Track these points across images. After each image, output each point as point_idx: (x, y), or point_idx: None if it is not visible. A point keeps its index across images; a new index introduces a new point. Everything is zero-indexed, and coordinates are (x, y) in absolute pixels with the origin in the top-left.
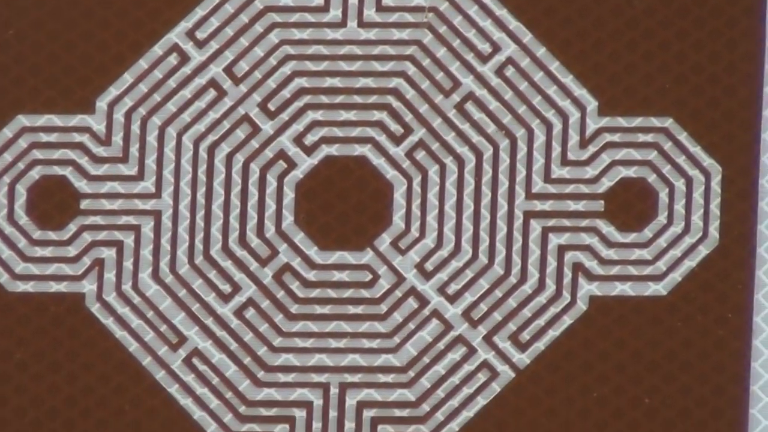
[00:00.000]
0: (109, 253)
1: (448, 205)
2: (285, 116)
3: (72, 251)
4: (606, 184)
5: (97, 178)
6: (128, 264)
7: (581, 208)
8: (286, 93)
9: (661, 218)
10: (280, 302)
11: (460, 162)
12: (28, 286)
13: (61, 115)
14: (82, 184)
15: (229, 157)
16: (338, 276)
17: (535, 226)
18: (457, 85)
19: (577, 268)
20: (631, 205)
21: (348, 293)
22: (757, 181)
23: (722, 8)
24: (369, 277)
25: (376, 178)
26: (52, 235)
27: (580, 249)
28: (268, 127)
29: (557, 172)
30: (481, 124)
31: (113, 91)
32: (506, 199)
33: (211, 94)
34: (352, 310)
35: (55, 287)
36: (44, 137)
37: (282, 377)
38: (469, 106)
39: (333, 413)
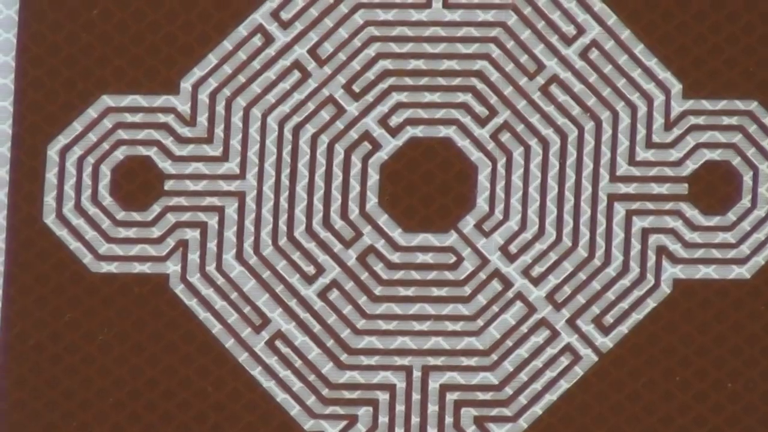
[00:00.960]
0: (193, 234)
1: (532, 187)
2: (369, 98)
3: (156, 232)
4: (690, 167)
5: (181, 159)
6: (212, 245)
7: (665, 191)
8: (371, 75)
9: (745, 201)
10: (364, 284)
11: (545, 144)
12: (112, 267)
13: (145, 96)
14: (166, 165)
15: (314, 139)
16: (422, 258)
17: (619, 209)
18: (542, 68)
19: (661, 251)
20: (715, 188)
21: (432, 275)
22: None
23: None
24: (453, 259)
25: (461, 159)
26: (136, 216)
27: (663, 232)
28: (352, 108)
29: (641, 154)
30: (565, 107)
31: (198, 72)
32: (590, 182)
33: (296, 75)
34: (435, 292)
35: (139, 268)
36: (129, 117)
37: (365, 360)
38: (554, 89)
39: (416, 396)
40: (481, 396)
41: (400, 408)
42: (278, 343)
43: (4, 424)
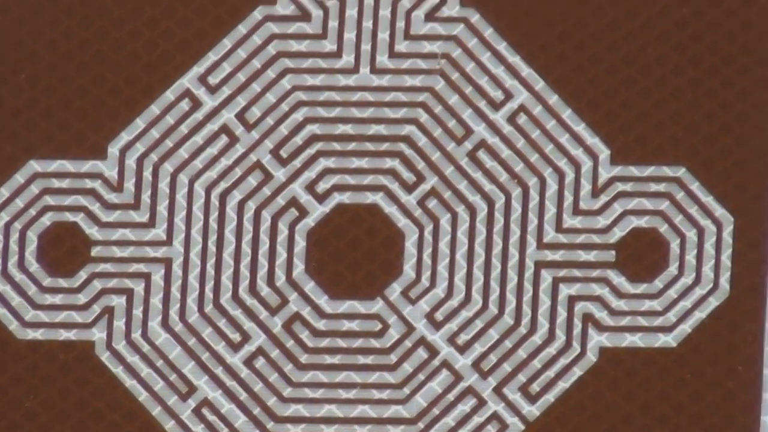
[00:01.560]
0: (119, 301)
1: (460, 254)
2: (297, 163)
3: (82, 299)
4: (617, 234)
5: (108, 225)
6: (138, 312)
7: (592, 259)
8: (299, 140)
9: (672, 269)
10: (290, 352)
11: (472, 211)
12: (38, 334)
13: (73, 161)
14: (93, 231)
15: (241, 205)
16: (348, 325)
17: (546, 277)
18: (470, 133)
19: (588, 319)
20: (642, 255)
21: (358, 343)
22: None
23: (735, 57)
24: (379, 326)
25: (388, 226)
26: (63, 283)
27: (590, 300)
28: (280, 174)
29: (569, 221)
30: (493, 173)
31: (125, 137)
32: (517, 249)
33: (223, 140)
34: (362, 360)
35: (64, 335)
36: (56, 183)
37: (291, 428)
38: (482, 154)
39: None
40: None
41: None
42: (205, 411)
43: None
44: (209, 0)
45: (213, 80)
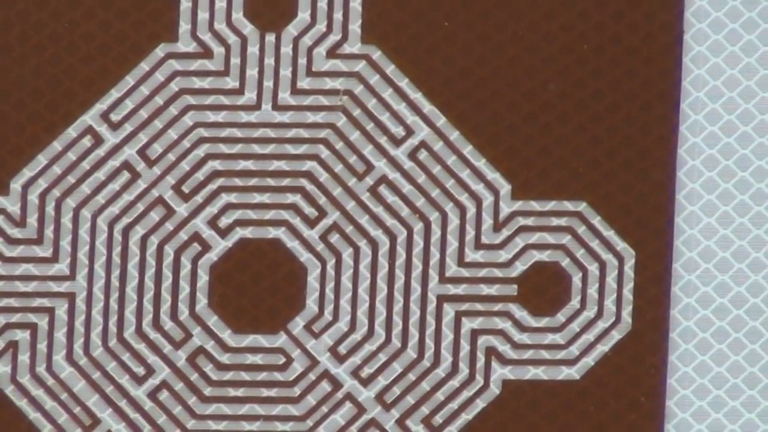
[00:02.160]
0: (23, 336)
1: (362, 288)
2: (199, 198)
3: None
4: (519, 267)
5: (11, 260)
6: (42, 346)
7: (494, 293)
8: (200, 175)
9: (575, 303)
10: (194, 384)
11: (374, 245)
12: None
13: None
14: None
15: (144, 240)
16: (252, 359)
17: (449, 310)
18: (371, 169)
19: (491, 352)
20: (544, 289)
21: (261, 376)
22: (670, 265)
23: (636, 93)
24: (282, 360)
25: (290, 260)
26: None
27: (493, 333)
28: (182, 209)
29: (471, 255)
30: (394, 207)
31: (27, 173)
32: (420, 283)
33: (126, 176)
34: (265, 392)
35: None
36: None
37: None
38: (383, 189)
39: None
40: None
41: None
42: None
43: None
44: (112, 37)
45: (115, 117)
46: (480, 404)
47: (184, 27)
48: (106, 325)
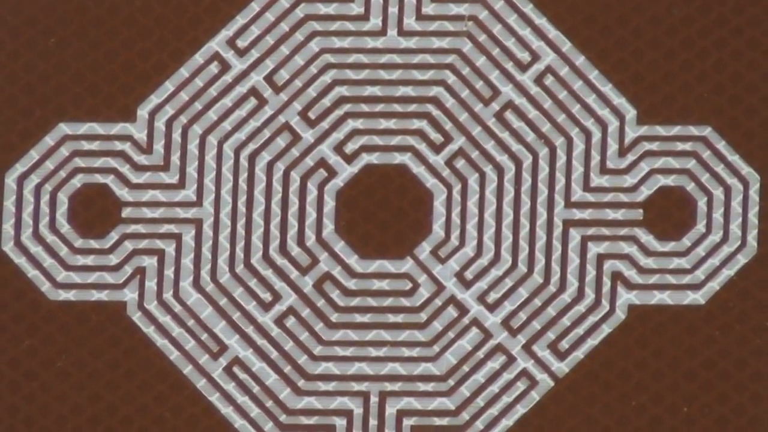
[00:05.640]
0: (150, 262)
1: (488, 213)
2: (325, 125)
3: (113, 260)
4: (645, 192)
5: (138, 187)
6: (169, 273)
7: (620, 217)
8: (327, 102)
9: (700, 227)
10: (321, 311)
11: (500, 171)
12: (70, 295)
13: (102, 123)
14: (123, 193)
15: (270, 166)
16: (378, 285)
17: (575, 235)
18: (497, 94)
19: (616, 277)
20: (669, 214)
21: (388, 302)
22: None
23: (760, 18)
24: (409, 285)
25: (416, 186)
26: (94, 244)
27: (618, 258)
28: (308, 135)
29: (596, 180)
30: (520, 133)
31: (154, 100)
32: (545, 208)
33: (252, 102)
34: (392, 318)
35: (96, 296)
36: (86, 145)
37: (322, 386)
38: (509, 115)
39: (373, 422)
40: (438, 421)
41: None
42: (236, 370)
43: None
44: None
45: (242, 43)
46: (606, 329)
47: None
48: (233, 251)
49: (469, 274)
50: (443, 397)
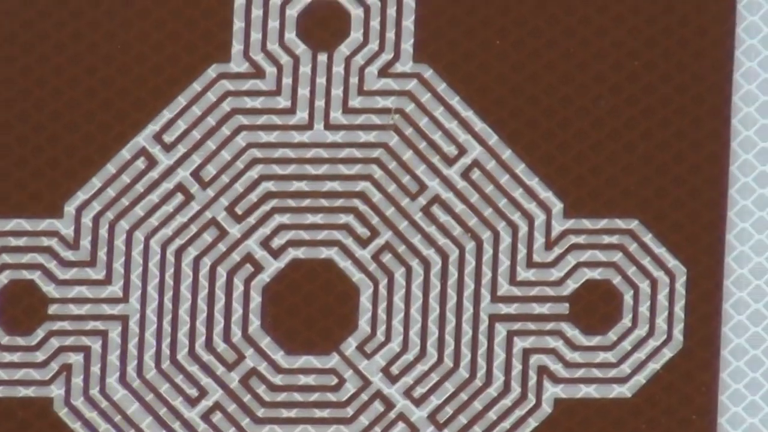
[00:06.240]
0: (76, 359)
1: (414, 308)
2: (252, 220)
3: (40, 356)
4: (571, 286)
5: (65, 283)
6: (96, 369)
7: (546, 311)
8: (253, 197)
9: (626, 321)
10: (247, 406)
11: (426, 264)
12: None
13: (29, 219)
14: (50, 289)
15: (197, 261)
16: (304, 380)
17: (501, 330)
18: (423, 188)
19: (542, 371)
20: (595, 307)
21: (314, 397)
22: (721, 282)
23: (687, 109)
24: (335, 381)
25: (343, 281)
26: (20, 341)
27: (545, 352)
28: (235, 230)
29: (523, 274)
30: (447, 227)
31: (81, 196)
32: (472, 303)
33: (179, 198)
34: (318, 413)
35: (23, 392)
36: (13, 241)
37: None
38: (435, 209)
39: None
40: None
41: None
42: None
43: None
44: (164, 58)
45: (168, 138)
46: (532, 423)
47: (237, 47)
48: (159, 347)
49: (395, 369)
50: None
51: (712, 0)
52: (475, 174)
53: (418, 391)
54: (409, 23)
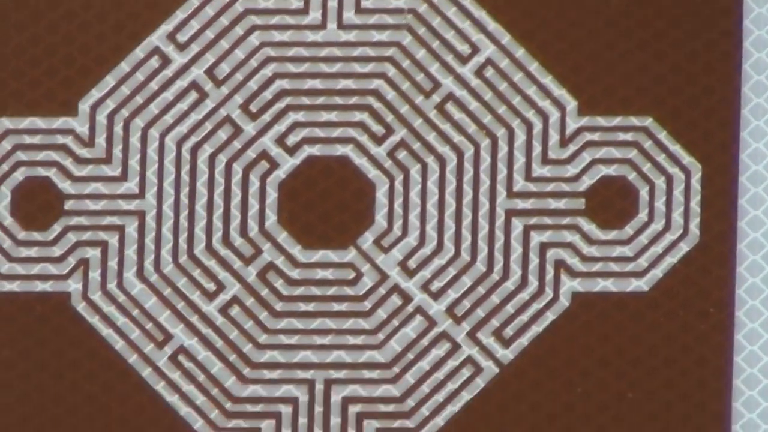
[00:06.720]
0: (93, 253)
1: (430, 203)
2: (267, 117)
3: (57, 251)
4: (586, 182)
5: (80, 179)
6: (113, 263)
7: (562, 206)
8: (268, 94)
9: (642, 216)
10: (265, 300)
11: (442, 161)
12: (14, 286)
13: (44, 118)
14: (66, 185)
15: (212, 158)
16: (322, 274)
17: (517, 224)
18: (437, 86)
19: (559, 265)
20: (611, 202)
21: (332, 291)
22: (736, 178)
23: (700, 9)
24: (352, 275)
25: (358, 177)
26: (37, 236)
27: (561, 246)
28: (250, 128)
29: (538, 170)
30: (461, 124)
31: (96, 94)
32: (488, 198)
33: (193, 96)
34: (336, 307)
35: (40, 287)
36: (28, 139)
37: (267, 374)
38: (450, 107)
39: (318, 409)
40: (383, 408)
41: (303, 420)
42: (181, 358)
43: None
44: None
45: (181, 38)
46: (550, 316)
47: None
48: (176, 242)
49: (412, 263)
50: (388, 384)
51: None
52: (489, 72)
53: (436, 285)
54: None
